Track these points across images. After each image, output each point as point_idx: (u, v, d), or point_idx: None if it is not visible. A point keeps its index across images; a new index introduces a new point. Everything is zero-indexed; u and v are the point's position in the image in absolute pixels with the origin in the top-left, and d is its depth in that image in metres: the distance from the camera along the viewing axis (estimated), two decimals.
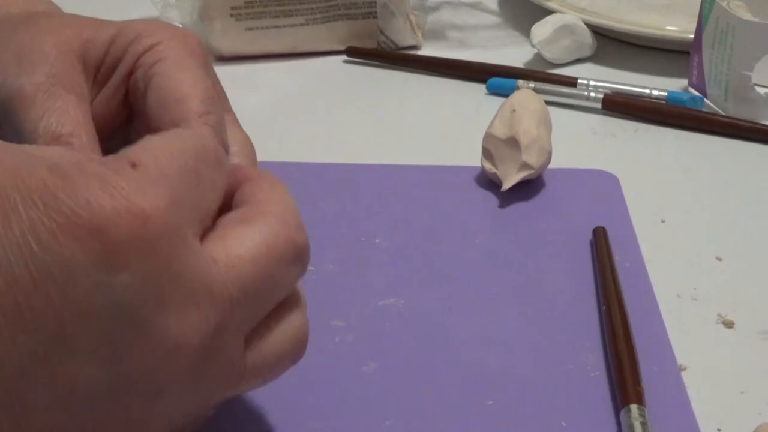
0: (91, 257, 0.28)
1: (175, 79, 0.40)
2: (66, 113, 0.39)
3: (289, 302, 0.36)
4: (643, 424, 0.41)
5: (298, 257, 0.35)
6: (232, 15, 0.78)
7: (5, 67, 0.40)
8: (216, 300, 0.31)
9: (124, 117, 0.43)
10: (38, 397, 0.29)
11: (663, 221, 0.58)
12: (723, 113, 0.70)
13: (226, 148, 0.40)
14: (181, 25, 0.78)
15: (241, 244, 0.33)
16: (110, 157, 0.31)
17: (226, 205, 0.36)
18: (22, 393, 0.29)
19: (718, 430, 0.43)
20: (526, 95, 0.61)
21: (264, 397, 0.43)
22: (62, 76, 0.40)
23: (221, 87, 0.43)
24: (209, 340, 0.31)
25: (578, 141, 0.67)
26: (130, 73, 0.41)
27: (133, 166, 0.31)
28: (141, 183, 0.30)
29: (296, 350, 0.36)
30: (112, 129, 0.42)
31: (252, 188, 0.36)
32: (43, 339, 0.28)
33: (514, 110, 0.59)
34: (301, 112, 0.72)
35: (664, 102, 0.71)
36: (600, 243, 0.53)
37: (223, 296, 0.32)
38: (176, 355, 0.30)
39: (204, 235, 0.33)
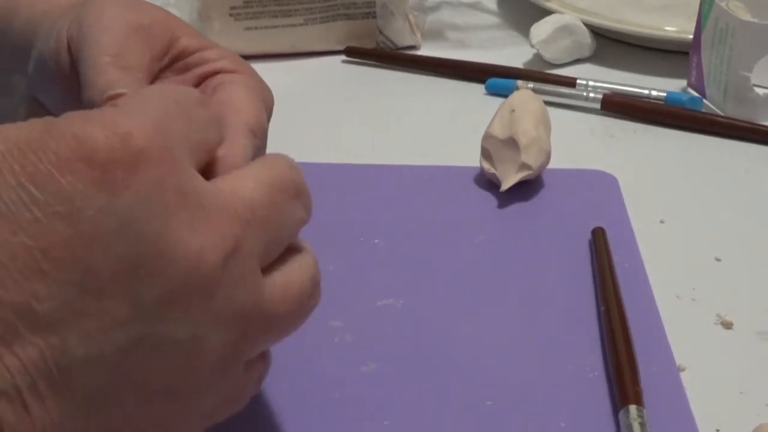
0: (89, 184, 0.29)
1: (243, 97, 0.42)
2: (140, 53, 0.42)
3: (297, 246, 0.36)
4: (642, 425, 0.41)
5: (298, 193, 0.36)
6: (231, 15, 0.78)
7: (115, 4, 0.43)
8: (226, 218, 0.32)
9: None
10: (75, 348, 0.29)
11: (662, 222, 0.58)
12: (722, 114, 0.70)
13: None
14: None
15: (243, 176, 0.34)
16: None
17: None
18: (57, 345, 0.29)
19: (717, 430, 0.43)
20: (525, 95, 0.61)
21: (263, 396, 0.43)
22: (152, 33, 0.43)
23: (266, 143, 0.45)
24: (227, 260, 0.31)
25: (577, 141, 0.67)
26: (204, 78, 0.44)
27: (114, 105, 0.32)
28: (124, 111, 0.31)
29: (313, 286, 0.36)
30: None
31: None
32: (65, 279, 0.29)
33: (514, 110, 0.59)
34: (300, 112, 0.72)
35: (663, 102, 0.71)
36: (599, 243, 0.53)
37: (233, 216, 0.32)
38: (197, 273, 0.31)
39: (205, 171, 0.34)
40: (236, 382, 0.34)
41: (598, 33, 0.81)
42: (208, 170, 0.36)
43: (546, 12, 0.82)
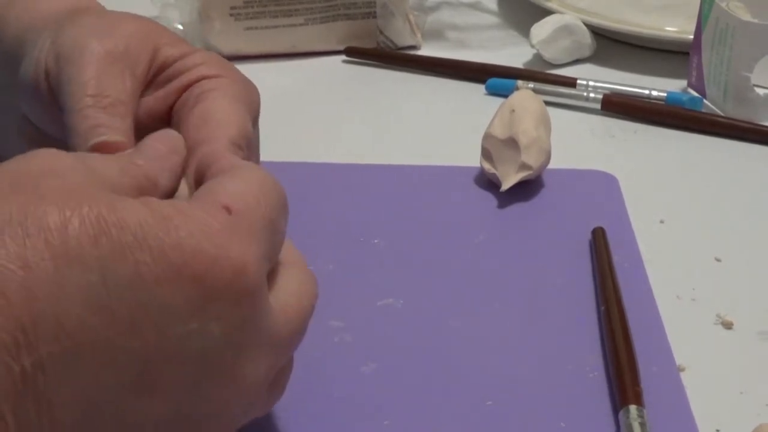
0: (189, 304, 0.30)
1: (224, 107, 0.41)
2: (121, 83, 0.41)
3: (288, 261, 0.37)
4: (642, 425, 0.41)
5: (285, 206, 0.36)
6: (231, 15, 0.78)
7: (90, 28, 0.42)
8: (277, 348, 0.34)
9: (163, 122, 0.44)
10: (108, 423, 0.30)
11: (662, 222, 0.58)
12: (722, 114, 0.70)
13: None
14: (180, 26, 0.78)
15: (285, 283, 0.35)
16: (200, 197, 0.33)
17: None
18: (89, 424, 0.29)
19: (717, 430, 0.43)
20: (525, 95, 0.61)
21: None
22: (131, 55, 0.42)
23: (259, 143, 0.45)
24: (271, 375, 0.34)
25: (577, 141, 0.67)
26: (186, 87, 0.43)
27: (228, 211, 0.32)
28: (239, 234, 0.31)
29: (312, 302, 0.37)
30: (147, 126, 0.43)
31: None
32: (126, 377, 0.29)
33: (514, 110, 0.59)
34: (300, 112, 0.72)
35: (663, 102, 0.71)
36: (599, 243, 0.53)
37: (281, 343, 0.34)
38: (246, 395, 0.32)
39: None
40: (261, 398, 0.35)
41: (599, 33, 0.81)
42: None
43: (546, 12, 0.82)
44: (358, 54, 0.79)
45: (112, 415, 0.30)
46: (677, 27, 0.80)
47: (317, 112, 0.72)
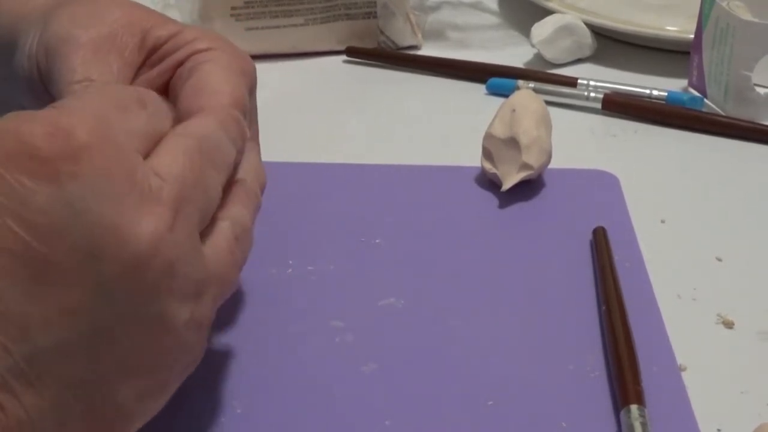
0: (35, 178, 0.30)
1: (217, 77, 0.42)
2: (107, 67, 0.42)
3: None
4: (643, 425, 0.41)
5: (215, 156, 0.37)
6: (231, 15, 0.78)
7: (75, 18, 0.43)
8: (167, 198, 0.33)
9: None
10: (40, 339, 0.30)
11: (663, 221, 0.58)
12: (723, 113, 0.70)
13: (239, 152, 0.41)
14: None
15: (164, 152, 0.35)
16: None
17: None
18: (20, 338, 0.30)
19: (718, 430, 0.43)
20: (526, 95, 0.61)
21: (264, 395, 0.43)
22: (117, 40, 0.43)
23: (256, 112, 0.46)
24: (169, 237, 0.33)
25: (578, 141, 0.67)
26: (180, 63, 0.43)
27: (55, 107, 0.33)
28: (65, 110, 0.32)
29: (240, 237, 0.38)
30: None
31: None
32: (22, 274, 0.30)
33: (514, 110, 0.59)
34: (300, 112, 0.72)
35: (664, 102, 0.71)
36: (600, 243, 0.53)
37: (173, 195, 0.33)
38: (155, 252, 0.32)
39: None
40: (197, 346, 0.36)
41: (599, 33, 0.81)
42: None
43: (547, 12, 0.82)
44: (359, 54, 0.79)
45: (37, 324, 0.30)
46: (678, 26, 0.80)
47: (318, 112, 0.72)
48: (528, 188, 0.59)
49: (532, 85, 0.71)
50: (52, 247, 0.30)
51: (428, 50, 0.81)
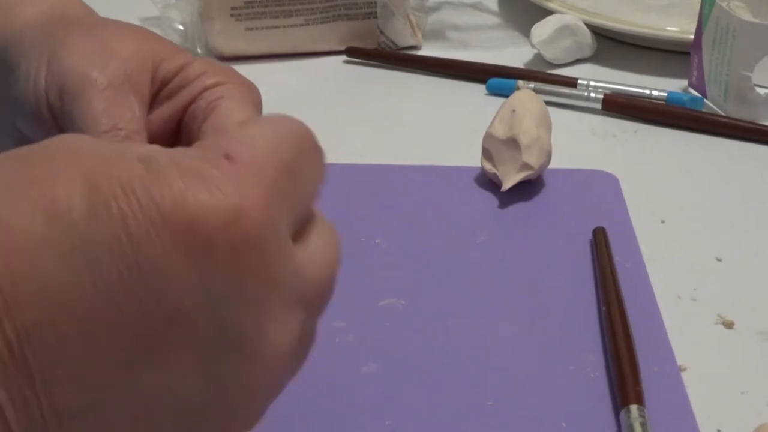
0: (185, 256, 0.27)
1: (237, 115, 0.40)
2: (131, 111, 0.40)
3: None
4: (643, 425, 0.41)
5: (315, 150, 0.35)
6: (232, 15, 0.78)
7: (87, 55, 0.41)
8: (304, 307, 0.30)
9: (170, 138, 0.44)
10: (118, 406, 0.27)
11: (663, 222, 0.58)
12: (723, 114, 0.70)
13: None
14: (181, 26, 0.78)
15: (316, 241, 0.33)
16: (202, 147, 0.30)
17: None
18: (100, 401, 0.27)
19: (718, 430, 0.43)
20: (526, 96, 0.61)
21: None
22: (134, 79, 0.41)
23: None
24: (297, 339, 0.30)
25: (578, 141, 0.67)
26: (192, 101, 0.42)
27: (229, 159, 0.29)
28: (239, 178, 0.28)
29: (334, 263, 0.34)
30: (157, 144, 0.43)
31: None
32: (129, 345, 0.27)
33: (514, 111, 0.59)
34: (300, 112, 0.71)
35: (664, 102, 0.71)
36: (600, 243, 0.53)
37: (310, 301, 0.31)
38: (273, 362, 0.29)
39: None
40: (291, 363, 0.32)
41: (599, 33, 0.81)
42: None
43: (547, 12, 0.82)
44: (359, 54, 0.79)
45: (125, 397, 0.27)
46: (678, 27, 0.80)
47: (318, 113, 0.72)
48: (528, 188, 0.59)
49: (532, 85, 0.71)
50: (170, 332, 0.27)
51: (428, 50, 0.81)
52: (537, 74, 0.75)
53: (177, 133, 0.43)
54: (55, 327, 0.26)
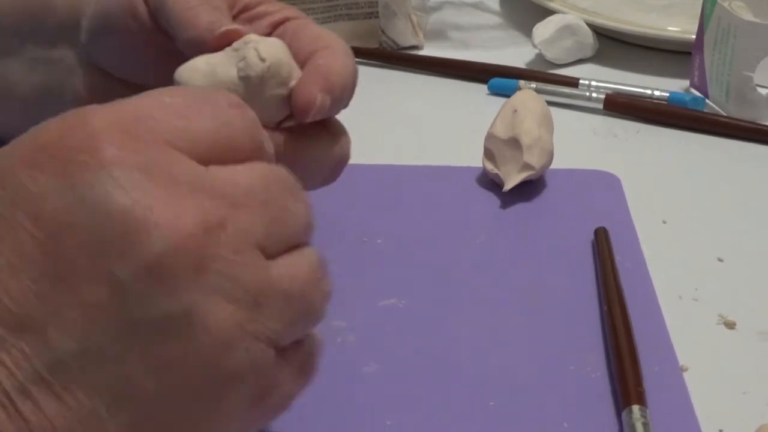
0: (46, 172, 0.29)
1: (326, 34, 0.46)
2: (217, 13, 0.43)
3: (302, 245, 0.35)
4: (645, 425, 0.41)
5: (297, 193, 0.35)
6: None
7: None
8: (208, 197, 0.31)
9: None
10: (62, 344, 0.29)
11: (664, 222, 0.58)
12: (724, 114, 0.70)
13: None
14: None
15: (242, 167, 0.33)
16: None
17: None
18: (41, 344, 0.29)
19: (720, 430, 0.43)
20: (527, 95, 0.61)
21: None
22: None
23: None
24: (209, 233, 0.30)
25: (580, 141, 0.67)
26: (277, 25, 0.46)
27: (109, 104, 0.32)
28: (107, 105, 0.31)
29: (322, 268, 0.35)
30: None
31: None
32: (36, 273, 0.29)
33: (516, 111, 0.59)
34: None
35: (665, 102, 0.71)
36: (601, 243, 0.53)
37: (219, 195, 0.31)
38: (172, 244, 0.29)
39: None
40: (266, 370, 0.32)
41: (601, 33, 0.81)
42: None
43: (548, 12, 0.82)
44: (360, 54, 0.79)
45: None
46: (679, 27, 0.80)
47: None
48: (529, 188, 0.59)
49: (533, 85, 0.71)
50: (62, 243, 0.29)
51: (430, 50, 0.81)
52: (538, 74, 0.75)
53: None
54: None
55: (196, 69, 0.41)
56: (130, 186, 0.29)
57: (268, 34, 0.44)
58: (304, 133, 0.45)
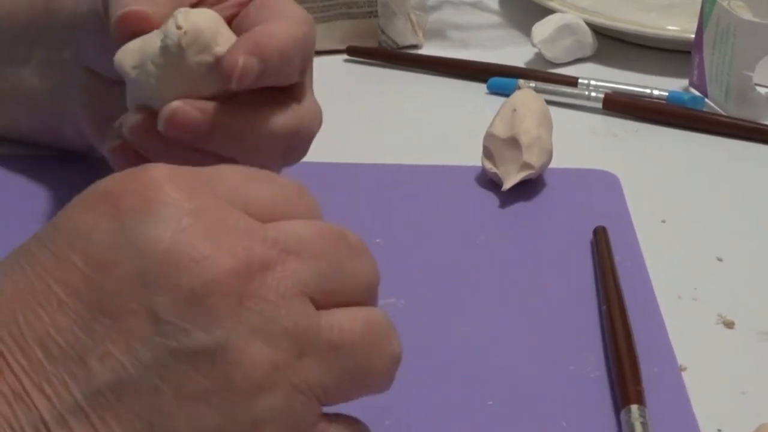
0: (101, 215, 0.30)
1: (288, 11, 0.45)
2: None
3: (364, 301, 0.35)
4: (644, 425, 0.41)
5: (360, 249, 0.35)
6: None
7: None
8: (252, 238, 0.31)
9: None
10: (101, 375, 0.29)
11: (664, 221, 0.58)
12: (724, 113, 0.70)
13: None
14: None
15: (297, 220, 0.33)
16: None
17: None
18: (81, 375, 0.29)
19: (719, 430, 0.43)
20: (526, 95, 0.61)
21: None
22: None
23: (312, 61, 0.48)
24: (252, 272, 0.30)
25: (579, 141, 0.67)
26: (244, 3, 0.45)
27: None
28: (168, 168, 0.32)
29: (387, 328, 0.34)
30: None
31: None
32: (80, 306, 0.29)
33: (515, 110, 0.59)
34: None
35: (665, 102, 0.71)
36: (600, 243, 0.53)
37: (265, 239, 0.31)
38: (212, 279, 0.30)
39: None
40: (304, 423, 0.32)
41: (600, 32, 0.81)
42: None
43: (548, 11, 0.82)
44: (360, 53, 0.79)
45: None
46: (679, 26, 0.80)
47: None
48: (529, 188, 0.59)
49: (533, 84, 0.71)
50: (108, 277, 0.29)
51: (429, 50, 0.80)
52: (538, 73, 0.75)
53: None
54: None
55: (129, 49, 0.43)
56: (178, 226, 0.30)
57: (236, 13, 0.44)
58: (252, 104, 0.44)
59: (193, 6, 0.44)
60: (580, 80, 0.73)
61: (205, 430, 0.30)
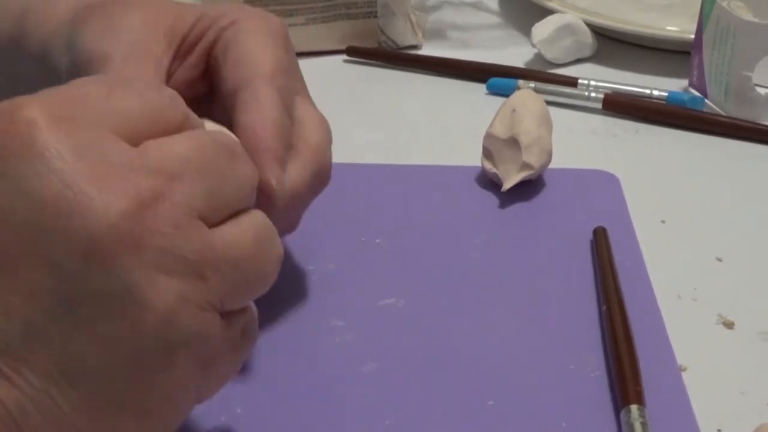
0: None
1: (252, 45, 0.43)
2: (140, 70, 0.43)
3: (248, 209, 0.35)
4: (644, 425, 0.41)
5: (233, 153, 0.35)
6: None
7: (95, 34, 0.44)
8: (141, 172, 0.31)
9: (203, 91, 0.46)
10: (5, 329, 0.29)
11: (663, 221, 0.58)
12: (723, 113, 0.70)
13: (291, 119, 0.44)
14: None
15: (172, 138, 0.33)
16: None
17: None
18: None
19: (719, 430, 0.43)
20: (526, 95, 0.61)
21: (264, 395, 0.43)
22: (143, 45, 0.44)
23: (298, 67, 0.47)
24: (145, 209, 0.31)
25: (579, 141, 0.67)
26: (213, 46, 0.45)
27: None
28: (34, 95, 0.31)
29: (270, 233, 0.35)
30: (191, 100, 0.44)
31: None
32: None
33: (515, 110, 0.59)
34: None
35: (664, 102, 0.71)
36: (600, 243, 0.53)
37: (153, 170, 0.32)
38: (108, 223, 0.30)
39: None
40: (212, 338, 0.33)
41: (600, 33, 0.81)
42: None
43: (547, 12, 0.82)
44: (359, 54, 0.79)
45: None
46: (678, 26, 0.80)
47: None
48: (528, 188, 0.59)
49: (532, 84, 0.71)
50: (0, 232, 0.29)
51: (429, 50, 0.81)
52: (537, 74, 0.75)
53: (208, 85, 0.46)
54: None
55: None
56: (63, 171, 0.30)
57: (204, 57, 0.45)
58: None
59: (170, 76, 0.45)
60: (579, 80, 0.73)
61: (123, 369, 0.31)
